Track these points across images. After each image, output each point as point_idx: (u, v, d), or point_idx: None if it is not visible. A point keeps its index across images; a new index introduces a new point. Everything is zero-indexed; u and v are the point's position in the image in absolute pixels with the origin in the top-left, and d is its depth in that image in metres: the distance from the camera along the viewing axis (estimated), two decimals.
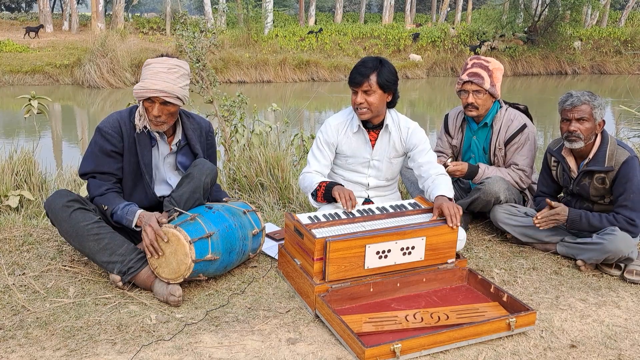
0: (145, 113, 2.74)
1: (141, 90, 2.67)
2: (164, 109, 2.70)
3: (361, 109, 2.97)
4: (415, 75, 21.22)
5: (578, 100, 3.00)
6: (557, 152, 3.22)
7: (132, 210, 2.64)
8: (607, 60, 23.25)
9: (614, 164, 3.00)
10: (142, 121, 2.75)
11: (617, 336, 2.43)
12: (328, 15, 36.83)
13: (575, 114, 3.00)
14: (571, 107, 3.01)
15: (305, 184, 3.08)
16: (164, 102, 2.69)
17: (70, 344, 2.21)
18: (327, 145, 3.12)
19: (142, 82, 2.68)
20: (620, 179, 2.98)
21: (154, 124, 2.75)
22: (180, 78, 2.72)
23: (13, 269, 2.80)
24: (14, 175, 4.20)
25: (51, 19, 25.94)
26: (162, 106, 2.70)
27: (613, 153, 3.02)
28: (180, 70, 2.73)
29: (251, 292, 2.70)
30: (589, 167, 3.05)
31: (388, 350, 2.13)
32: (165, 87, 2.65)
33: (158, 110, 2.69)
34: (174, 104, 2.71)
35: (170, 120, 2.77)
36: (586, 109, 2.99)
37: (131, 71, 16.46)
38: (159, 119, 2.72)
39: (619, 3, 36.23)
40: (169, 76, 2.68)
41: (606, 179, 3.03)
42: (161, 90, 2.65)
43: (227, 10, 23.44)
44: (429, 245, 2.64)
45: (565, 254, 3.19)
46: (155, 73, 2.68)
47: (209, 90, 5.00)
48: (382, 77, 2.92)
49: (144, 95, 2.68)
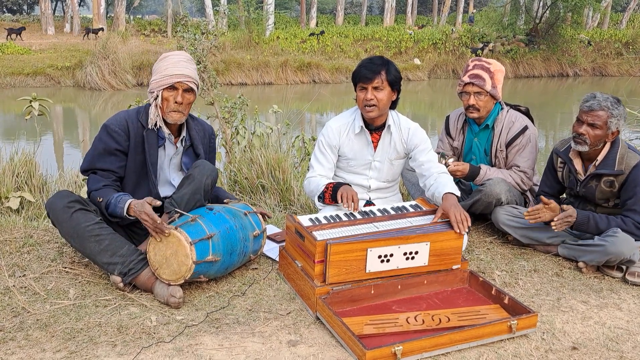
0: (162, 105, 2.75)
1: (164, 77, 2.71)
2: (185, 97, 2.76)
3: (370, 106, 2.95)
4: (417, 77, 21.24)
5: (598, 104, 2.92)
6: (564, 153, 3.20)
7: (124, 199, 2.62)
8: (608, 62, 23.27)
9: (624, 168, 2.97)
10: (156, 116, 2.77)
11: (618, 338, 2.43)
12: (329, 17, 36.87)
13: (590, 118, 2.94)
14: (588, 110, 2.94)
15: (311, 187, 3.07)
16: (188, 88, 2.75)
17: (71, 345, 2.21)
18: (329, 148, 3.11)
19: (165, 71, 2.72)
20: (630, 182, 2.96)
21: (173, 113, 2.76)
22: (195, 70, 2.83)
23: (13, 270, 2.80)
24: (15, 176, 4.20)
25: (53, 21, 26.00)
26: (185, 93, 2.75)
27: (623, 157, 2.99)
28: (193, 63, 2.85)
29: (252, 294, 2.70)
30: (599, 170, 3.03)
31: (389, 352, 2.12)
32: (190, 72, 2.75)
33: (182, 96, 2.74)
34: (194, 92, 2.80)
35: (187, 111, 2.83)
36: (602, 116, 2.92)
37: (132, 73, 16.50)
38: (179, 107, 2.75)
39: (620, 5, 36.23)
40: (189, 65, 2.79)
41: (615, 183, 3.01)
42: (187, 75, 2.73)
43: (229, 12, 23.49)
44: (434, 250, 2.62)
45: (566, 255, 3.18)
46: (176, 62, 2.75)
47: (210, 92, 5.00)
48: (391, 74, 2.93)
49: (168, 83, 2.71)
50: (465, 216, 2.66)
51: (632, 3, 28.68)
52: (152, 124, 2.77)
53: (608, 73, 22.93)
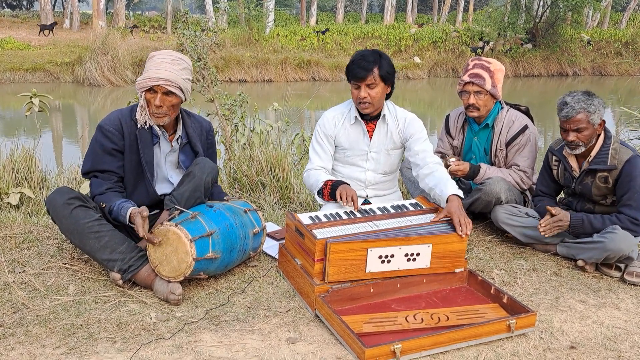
0: (146, 106, 2.73)
1: (144, 80, 2.67)
2: (165, 100, 2.69)
3: (364, 103, 2.98)
4: (416, 75, 21.22)
5: (572, 110, 2.94)
6: (558, 151, 3.22)
7: (126, 207, 2.62)
8: (608, 62, 23.26)
9: (617, 163, 2.99)
10: (144, 116, 2.74)
11: (616, 338, 2.43)
12: (329, 15, 36.82)
13: (572, 125, 2.97)
14: (567, 119, 2.97)
15: (311, 181, 3.08)
16: (167, 92, 2.68)
17: (70, 341, 2.21)
18: (325, 138, 3.13)
19: (145, 73, 2.69)
20: (624, 177, 2.97)
21: (155, 117, 2.72)
22: (183, 70, 2.73)
23: (13, 266, 2.80)
24: (15, 172, 4.19)
25: (52, 17, 25.92)
26: (164, 96, 2.68)
27: (616, 152, 3.01)
28: (183, 63, 2.74)
29: (251, 292, 2.70)
30: (592, 166, 3.04)
31: (388, 350, 2.13)
32: (168, 75, 2.65)
33: (160, 100, 2.67)
34: (176, 94, 2.70)
35: (172, 113, 2.75)
36: (582, 118, 2.94)
37: (132, 69, 16.47)
38: (160, 110, 2.70)
39: (620, 5, 36.22)
40: (172, 66, 2.69)
41: (609, 178, 3.02)
42: (164, 79, 2.64)
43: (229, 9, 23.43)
44: (436, 253, 2.61)
45: (565, 254, 3.18)
46: (158, 63, 2.68)
47: (210, 89, 4.99)
48: (383, 70, 2.94)
49: (146, 85, 2.67)
50: (468, 220, 2.67)
51: (632, 3, 28.67)
52: (141, 124, 2.75)
53: (607, 73, 22.92)
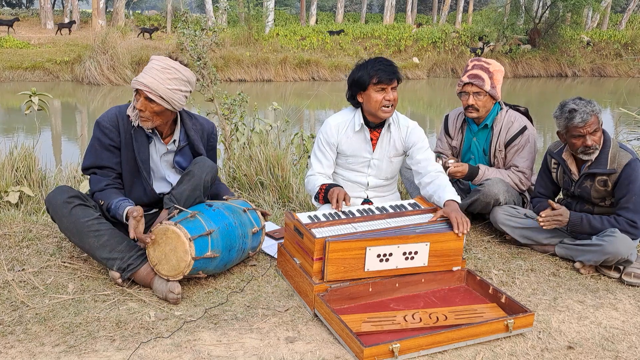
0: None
1: (133, 81, 2.69)
2: (147, 105, 2.66)
3: (389, 107, 3.00)
4: (416, 76, 21.23)
5: (586, 114, 2.94)
6: (557, 154, 3.22)
7: (123, 206, 2.63)
8: (607, 63, 23.28)
9: (617, 167, 3.00)
10: (133, 115, 2.75)
11: (614, 338, 2.44)
12: (329, 14, 36.83)
13: (589, 128, 2.96)
14: (583, 124, 2.95)
15: (309, 187, 3.12)
16: (148, 98, 2.65)
17: (69, 340, 2.21)
18: (328, 146, 3.13)
19: (137, 75, 2.70)
20: (623, 181, 2.98)
21: (140, 119, 2.72)
22: (172, 80, 2.65)
23: (12, 264, 2.80)
24: (14, 171, 4.19)
25: (52, 15, 25.92)
26: (146, 102, 2.66)
27: (615, 155, 3.02)
28: (174, 73, 2.66)
29: (250, 291, 2.71)
30: (591, 170, 3.05)
31: (386, 350, 2.14)
32: (150, 82, 2.62)
33: (141, 104, 2.66)
34: (158, 103, 2.65)
35: (156, 119, 2.72)
36: (595, 120, 2.96)
37: (131, 68, 16.46)
38: (142, 114, 2.69)
39: (620, 6, 36.25)
40: (159, 74, 2.64)
41: (608, 182, 3.03)
42: (145, 85, 2.62)
43: (229, 9, 23.41)
44: (433, 251, 2.62)
45: (564, 255, 3.19)
46: (149, 68, 2.68)
47: (209, 88, 5.00)
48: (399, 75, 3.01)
49: (133, 86, 2.70)
50: (466, 220, 2.67)
51: (631, 4, 28.72)
52: (134, 122, 2.76)
53: (607, 74, 22.95)
